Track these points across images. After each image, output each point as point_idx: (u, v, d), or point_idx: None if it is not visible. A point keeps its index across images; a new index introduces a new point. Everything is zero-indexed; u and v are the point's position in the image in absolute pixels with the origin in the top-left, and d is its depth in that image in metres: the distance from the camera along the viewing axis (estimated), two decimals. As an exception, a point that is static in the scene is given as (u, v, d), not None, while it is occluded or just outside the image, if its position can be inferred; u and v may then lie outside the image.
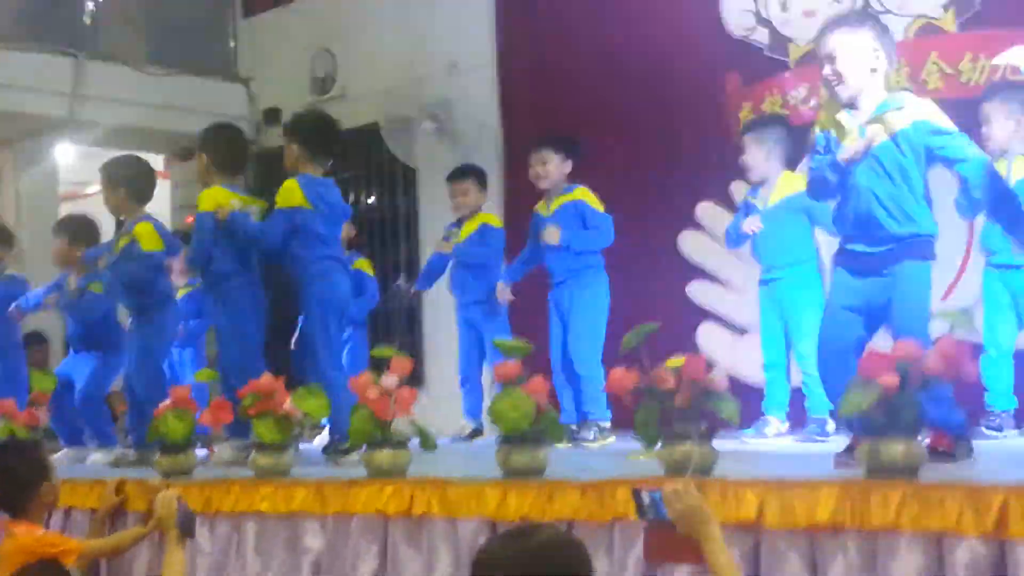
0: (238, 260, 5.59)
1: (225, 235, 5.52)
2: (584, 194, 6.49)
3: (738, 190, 7.28)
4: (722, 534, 2.81)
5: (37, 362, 8.13)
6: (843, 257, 4.31)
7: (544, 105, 8.61)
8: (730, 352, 7.21)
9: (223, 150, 5.78)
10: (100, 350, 6.48)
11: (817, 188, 4.39)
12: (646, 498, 2.94)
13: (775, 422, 5.98)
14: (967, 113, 6.66)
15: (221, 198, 5.56)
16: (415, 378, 9.05)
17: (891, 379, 3.26)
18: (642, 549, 3.19)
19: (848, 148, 4.17)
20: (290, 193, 5.46)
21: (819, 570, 3.25)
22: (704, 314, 7.67)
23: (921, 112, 4.20)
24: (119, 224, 6.29)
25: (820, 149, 4.35)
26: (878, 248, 4.15)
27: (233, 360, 5.42)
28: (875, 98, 4.23)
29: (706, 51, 7.89)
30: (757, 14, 7.72)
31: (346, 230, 7.43)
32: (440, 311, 8.98)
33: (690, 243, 7.77)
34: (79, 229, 6.79)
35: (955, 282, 6.54)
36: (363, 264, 7.74)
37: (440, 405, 7.24)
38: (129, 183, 6.09)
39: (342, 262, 5.67)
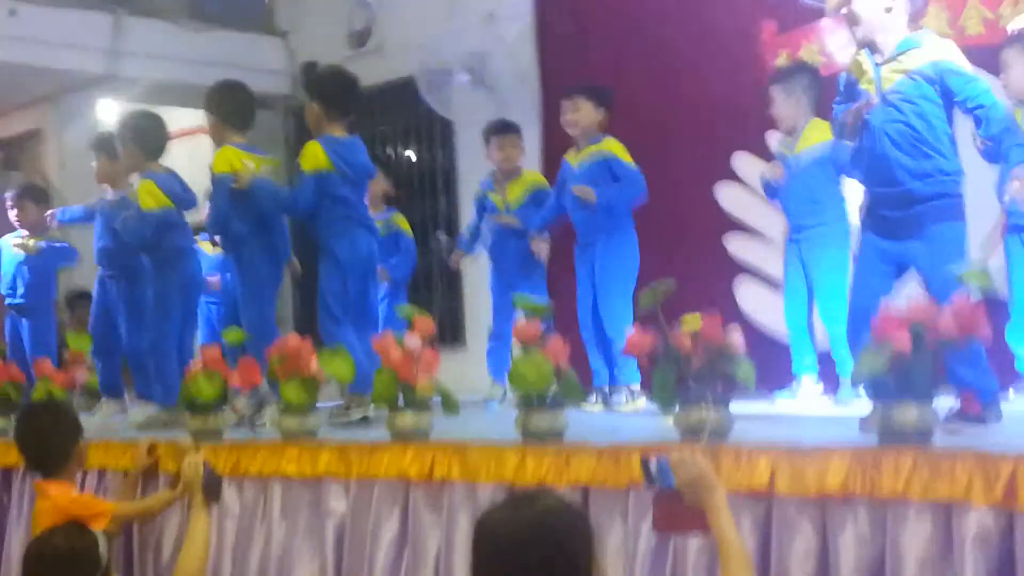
0: (255, 223, 5.63)
1: (241, 198, 5.55)
2: (613, 146, 6.41)
3: (775, 140, 7.20)
4: (727, 503, 2.81)
5: (83, 321, 8.21)
6: (871, 220, 4.29)
7: (581, 56, 8.55)
8: (769, 307, 7.15)
9: (229, 107, 5.80)
10: (125, 273, 6.42)
11: (837, 131, 4.47)
12: (654, 466, 2.94)
13: (808, 383, 5.95)
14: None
15: (234, 159, 5.60)
16: (456, 337, 9.19)
17: (903, 340, 3.22)
18: (652, 519, 3.19)
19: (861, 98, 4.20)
20: (314, 156, 5.48)
21: (829, 538, 3.25)
22: (742, 268, 7.61)
23: (940, 52, 4.16)
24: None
25: (841, 91, 4.38)
26: (898, 189, 4.13)
27: (250, 324, 5.46)
28: (895, 38, 4.23)
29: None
30: (796, -38, 7.60)
31: (383, 186, 7.45)
32: (481, 269, 8.99)
33: (727, 195, 7.70)
34: (115, 145, 6.63)
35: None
36: (400, 220, 7.72)
37: (480, 364, 7.24)
38: (136, 139, 6.13)
39: (365, 222, 5.66)
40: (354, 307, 5.50)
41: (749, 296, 7.51)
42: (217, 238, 6.13)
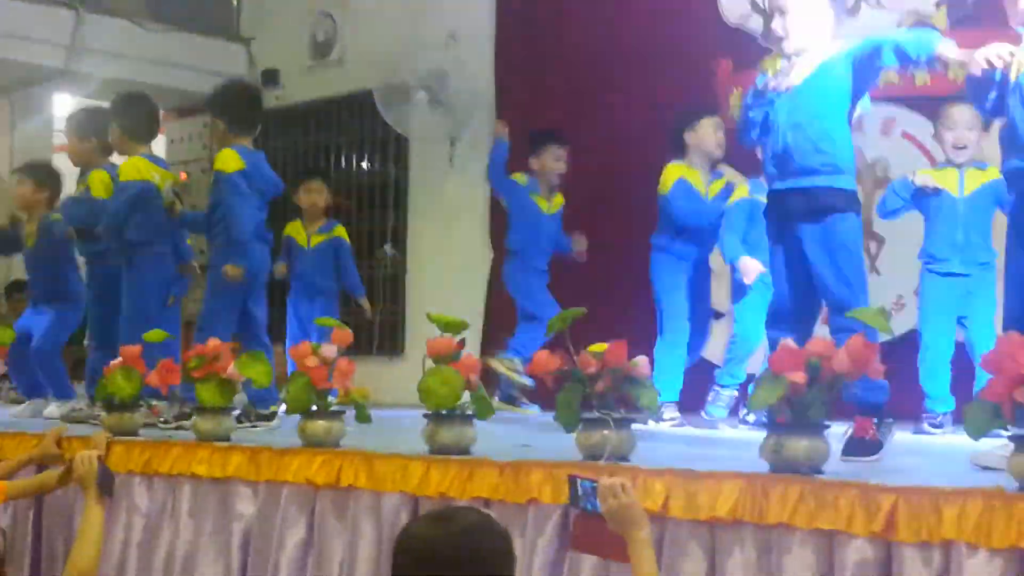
0: (152, 232, 5.74)
1: (144, 208, 5.68)
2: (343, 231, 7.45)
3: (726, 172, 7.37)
4: (650, 538, 2.81)
5: (19, 311, 8.19)
6: (768, 202, 4.42)
7: (538, 80, 8.64)
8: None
9: (135, 119, 5.89)
10: (57, 302, 6.52)
11: (741, 131, 4.56)
12: (581, 487, 2.94)
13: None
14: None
15: (145, 171, 5.73)
16: (396, 347, 9.22)
17: (799, 376, 3.27)
18: (569, 536, 3.20)
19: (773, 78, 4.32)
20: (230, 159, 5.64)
21: (717, 562, 3.30)
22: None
23: (855, 42, 4.25)
24: (81, 174, 6.36)
25: (752, 91, 4.47)
26: (796, 182, 4.22)
27: (126, 329, 5.53)
28: (817, 54, 4.30)
29: (701, 35, 7.87)
30: (753, 2, 7.72)
31: (325, 198, 7.53)
32: (424, 279, 9.05)
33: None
34: (45, 174, 6.81)
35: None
36: (341, 232, 7.73)
37: (419, 374, 7.26)
38: (99, 134, 6.17)
39: (261, 236, 5.74)
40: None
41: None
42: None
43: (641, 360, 3.72)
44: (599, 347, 3.70)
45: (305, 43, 9.95)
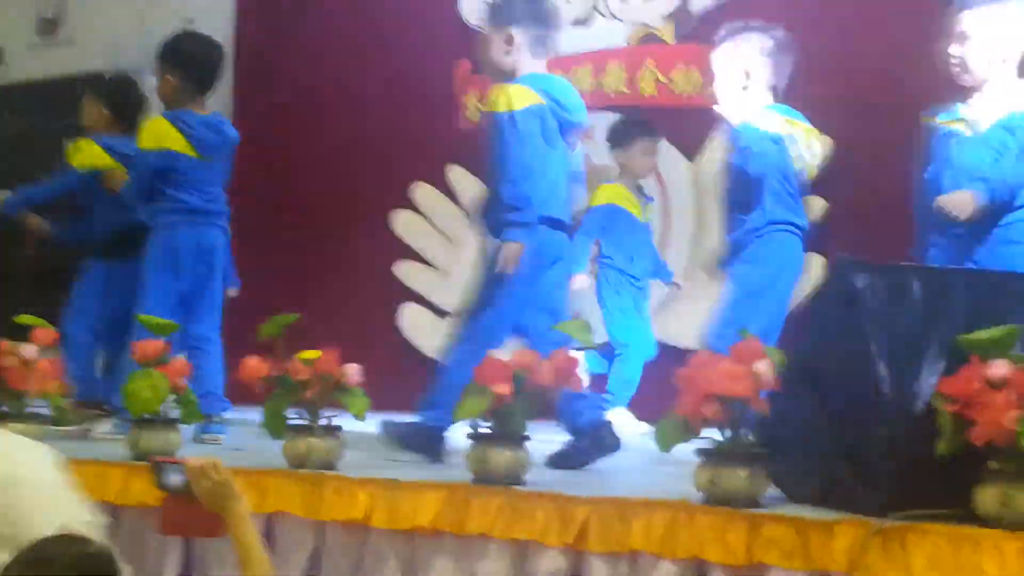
0: None
1: None
2: None
3: (455, 175, 7.40)
4: (249, 513, 2.77)
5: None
6: None
7: (277, 71, 8.52)
8: (431, 333, 7.25)
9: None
10: None
11: None
12: (165, 470, 2.78)
13: None
14: (678, 120, 6.97)
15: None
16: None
17: (504, 388, 3.32)
18: (158, 521, 3.06)
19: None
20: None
21: (416, 573, 3.32)
22: (409, 294, 7.71)
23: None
24: None
25: None
26: None
27: None
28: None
29: (441, 35, 7.91)
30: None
31: None
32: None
33: (403, 222, 7.79)
34: None
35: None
36: None
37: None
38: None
39: None
40: None
41: (413, 320, 7.60)
42: None
43: (352, 367, 3.69)
44: (311, 354, 3.66)
45: (31, 19, 9.51)
